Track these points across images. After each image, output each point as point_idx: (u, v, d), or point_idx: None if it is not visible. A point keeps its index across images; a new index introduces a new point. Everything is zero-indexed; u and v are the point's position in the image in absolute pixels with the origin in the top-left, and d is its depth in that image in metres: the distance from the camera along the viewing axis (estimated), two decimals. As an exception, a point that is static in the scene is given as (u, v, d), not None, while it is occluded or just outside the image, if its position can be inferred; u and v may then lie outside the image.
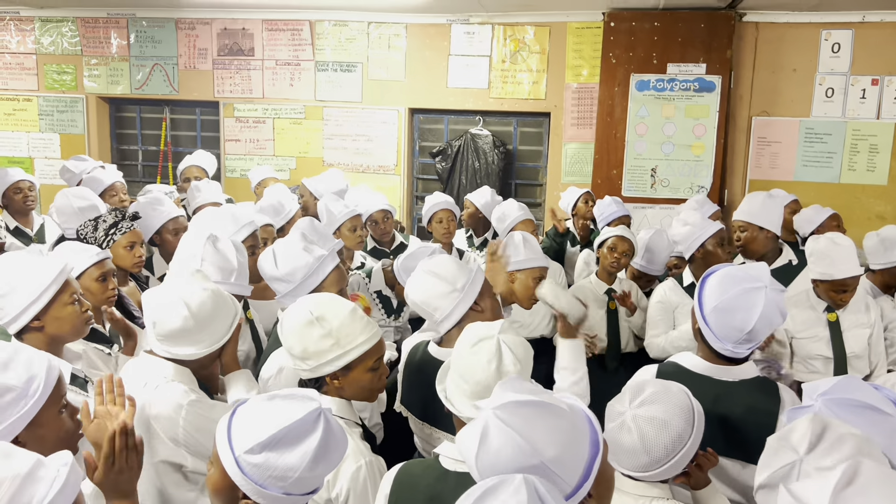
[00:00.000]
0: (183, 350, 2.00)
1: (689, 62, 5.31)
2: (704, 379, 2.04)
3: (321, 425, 1.37)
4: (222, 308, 2.05)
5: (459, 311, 2.24)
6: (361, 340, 1.87)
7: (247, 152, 6.39)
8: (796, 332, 3.08)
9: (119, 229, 3.18)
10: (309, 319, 1.84)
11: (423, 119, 6.32)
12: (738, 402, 1.99)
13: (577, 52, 5.75)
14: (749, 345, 2.00)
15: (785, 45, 5.42)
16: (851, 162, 5.44)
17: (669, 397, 1.68)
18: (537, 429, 1.24)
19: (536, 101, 5.90)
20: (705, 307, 2.02)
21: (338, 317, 1.86)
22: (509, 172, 6.20)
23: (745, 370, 2.06)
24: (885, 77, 5.30)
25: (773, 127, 5.52)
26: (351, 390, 1.90)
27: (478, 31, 5.89)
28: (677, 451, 1.65)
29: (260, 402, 1.40)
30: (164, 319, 1.97)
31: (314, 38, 6.15)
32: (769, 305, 1.95)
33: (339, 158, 6.25)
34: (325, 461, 1.38)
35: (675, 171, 5.44)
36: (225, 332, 2.05)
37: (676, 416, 1.66)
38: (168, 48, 6.41)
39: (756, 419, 1.96)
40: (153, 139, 6.75)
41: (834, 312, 3.03)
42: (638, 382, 1.74)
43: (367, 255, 4.19)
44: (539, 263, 2.89)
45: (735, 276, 2.02)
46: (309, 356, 1.84)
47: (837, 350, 3.01)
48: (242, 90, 6.33)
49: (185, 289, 2.00)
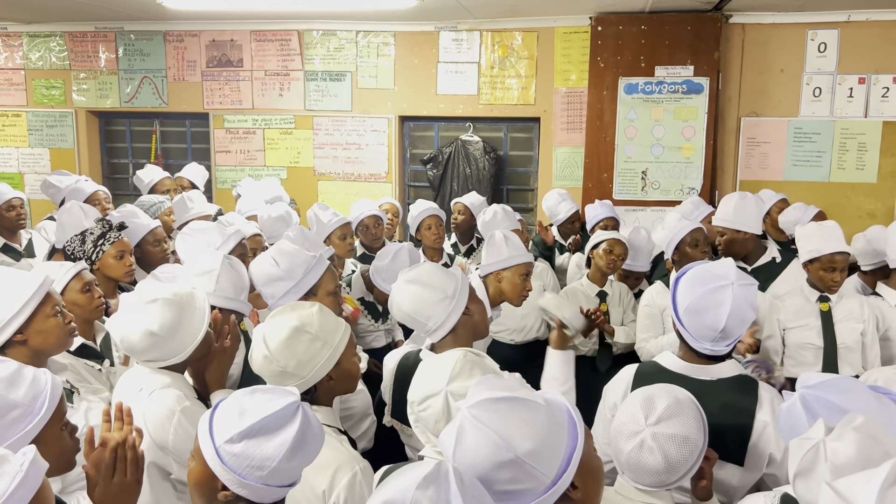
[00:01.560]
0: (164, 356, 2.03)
1: (677, 64, 5.33)
2: (682, 378, 2.04)
3: (299, 417, 1.39)
4: (185, 311, 2.05)
5: (454, 317, 2.22)
6: (341, 332, 1.91)
7: (237, 163, 6.38)
8: (788, 321, 3.10)
9: (107, 240, 3.17)
10: (292, 330, 1.83)
11: (414, 126, 6.33)
12: (715, 401, 1.98)
13: (566, 56, 5.76)
14: (727, 342, 2.01)
15: (772, 45, 5.44)
16: (841, 161, 5.46)
17: (683, 409, 1.67)
18: (511, 424, 1.25)
19: (526, 107, 5.92)
20: (679, 308, 2.04)
21: (314, 318, 1.87)
22: (500, 178, 6.20)
23: (723, 369, 2.06)
24: (872, 75, 5.33)
25: (762, 127, 5.54)
26: (343, 384, 1.93)
27: (466, 37, 5.91)
28: (697, 462, 1.66)
29: (241, 395, 1.42)
30: (131, 341, 2.00)
31: (303, 48, 6.15)
32: (737, 302, 1.95)
33: (330, 168, 6.25)
34: (302, 453, 1.40)
35: (665, 173, 5.45)
36: (197, 328, 2.06)
37: (693, 428, 1.66)
38: (156, 61, 6.40)
39: (733, 418, 1.96)
40: (143, 152, 6.74)
41: (826, 303, 3.05)
42: (646, 397, 1.69)
43: (357, 261, 4.19)
44: (524, 259, 2.90)
45: (702, 275, 2.03)
46: (304, 366, 1.83)
47: (828, 340, 3.02)
48: (232, 101, 6.33)
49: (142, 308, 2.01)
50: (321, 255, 2.73)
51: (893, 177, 5.39)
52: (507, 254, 2.90)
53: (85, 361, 2.58)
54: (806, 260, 3.08)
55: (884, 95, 5.32)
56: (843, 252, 3.01)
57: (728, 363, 2.08)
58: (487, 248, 2.98)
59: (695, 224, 3.52)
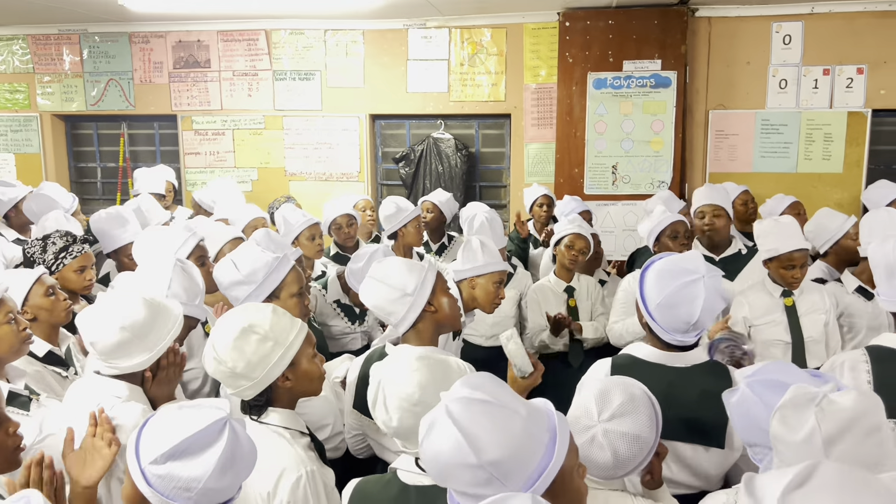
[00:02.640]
0: (130, 362, 1.98)
1: (645, 59, 5.36)
2: (658, 367, 2.07)
3: (226, 434, 1.36)
4: (159, 314, 2.03)
5: (412, 315, 2.24)
6: (296, 332, 1.87)
7: (207, 165, 6.32)
8: (755, 318, 3.12)
9: (70, 253, 3.12)
10: (240, 331, 1.80)
11: (385, 125, 6.30)
12: (694, 387, 2.01)
13: (535, 52, 5.77)
14: (696, 332, 2.03)
15: (738, 38, 5.49)
16: (807, 151, 5.52)
17: (637, 406, 1.67)
18: (483, 428, 1.22)
19: (496, 103, 5.91)
20: (649, 304, 2.05)
21: (265, 318, 1.84)
22: (473, 175, 6.19)
23: (696, 355, 2.09)
24: (836, 66, 5.39)
25: (729, 120, 5.59)
26: (302, 385, 1.89)
27: (435, 35, 5.89)
28: (646, 458, 1.67)
29: (167, 412, 1.40)
30: (101, 337, 1.95)
31: (271, 48, 6.10)
32: (710, 294, 1.97)
33: (301, 167, 6.20)
34: (233, 471, 1.38)
35: (635, 167, 5.47)
36: (168, 334, 2.04)
37: (645, 426, 1.66)
38: (122, 63, 6.31)
39: (710, 403, 1.97)
40: (111, 156, 6.65)
41: (790, 297, 3.07)
42: (602, 391, 1.70)
43: (330, 260, 4.16)
44: (498, 268, 2.90)
45: (671, 270, 2.03)
46: (254, 367, 1.80)
47: (795, 334, 3.05)
48: (200, 102, 6.26)
49: (117, 303, 1.98)
50: (284, 257, 2.70)
51: (859, 166, 5.46)
52: (483, 261, 2.90)
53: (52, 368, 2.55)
54: (765, 258, 3.09)
55: (848, 86, 5.39)
56: (801, 249, 3.02)
57: (698, 349, 2.11)
58: (463, 254, 2.97)
59: (676, 216, 3.54)
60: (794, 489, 0.82)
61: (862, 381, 2.11)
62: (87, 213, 5.42)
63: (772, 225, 3.10)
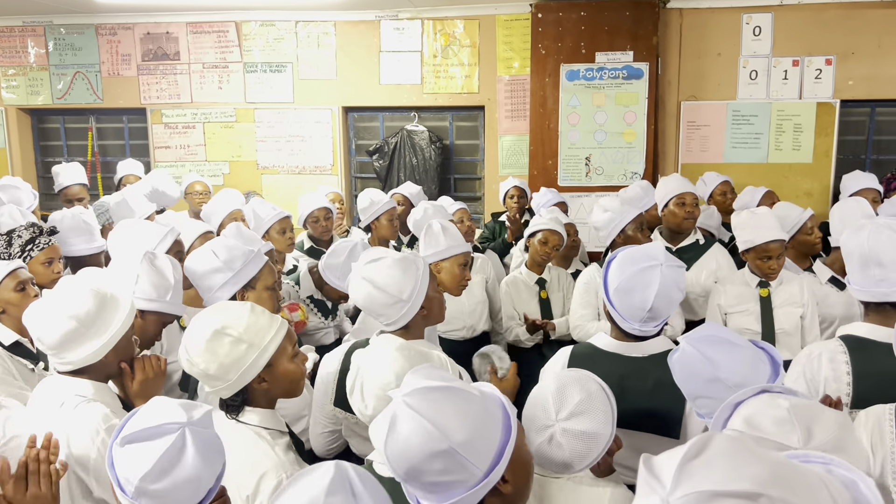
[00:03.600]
0: (79, 354, 1.92)
1: (617, 50, 5.37)
2: (614, 357, 2.09)
3: (171, 440, 1.36)
4: (106, 302, 1.97)
5: (406, 319, 2.20)
6: (273, 332, 1.81)
7: (178, 159, 6.23)
8: (728, 306, 3.16)
9: (36, 245, 3.06)
10: (213, 333, 1.75)
11: (358, 117, 6.25)
12: (648, 378, 2.03)
13: (508, 44, 5.76)
14: (654, 322, 2.05)
15: (708, 30, 5.52)
16: (778, 142, 5.57)
17: (593, 403, 1.68)
18: (446, 413, 1.23)
19: (470, 95, 5.90)
20: (609, 288, 2.07)
21: (240, 319, 1.79)
22: (447, 167, 6.18)
23: (653, 345, 2.10)
24: (805, 58, 5.44)
25: (701, 111, 5.62)
26: (280, 386, 1.84)
27: (407, 26, 5.85)
28: (602, 452, 1.68)
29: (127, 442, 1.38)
30: (46, 331, 1.91)
31: (241, 40, 6.02)
32: (665, 282, 1.99)
33: (274, 161, 6.14)
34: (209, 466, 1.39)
35: (608, 158, 5.49)
36: (118, 324, 1.97)
37: (602, 423, 1.67)
38: (89, 55, 6.20)
39: (665, 393, 1.99)
40: (80, 150, 6.53)
41: (766, 288, 3.09)
42: (559, 388, 1.70)
43: (304, 254, 4.12)
44: (462, 249, 2.90)
45: (633, 256, 2.07)
46: (228, 369, 1.75)
47: (766, 325, 3.07)
48: (170, 95, 6.16)
49: (61, 295, 1.93)
50: (260, 250, 2.69)
51: (828, 156, 5.53)
52: (445, 244, 2.89)
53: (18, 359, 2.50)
54: (742, 249, 3.11)
55: (817, 77, 5.45)
56: (776, 240, 3.04)
57: (658, 339, 2.12)
58: (425, 239, 2.96)
59: (638, 210, 3.55)
60: (689, 460, 0.85)
61: (841, 371, 2.11)
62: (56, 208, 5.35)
63: (748, 216, 3.12)
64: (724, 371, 1.64)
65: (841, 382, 2.06)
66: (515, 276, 3.77)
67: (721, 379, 1.63)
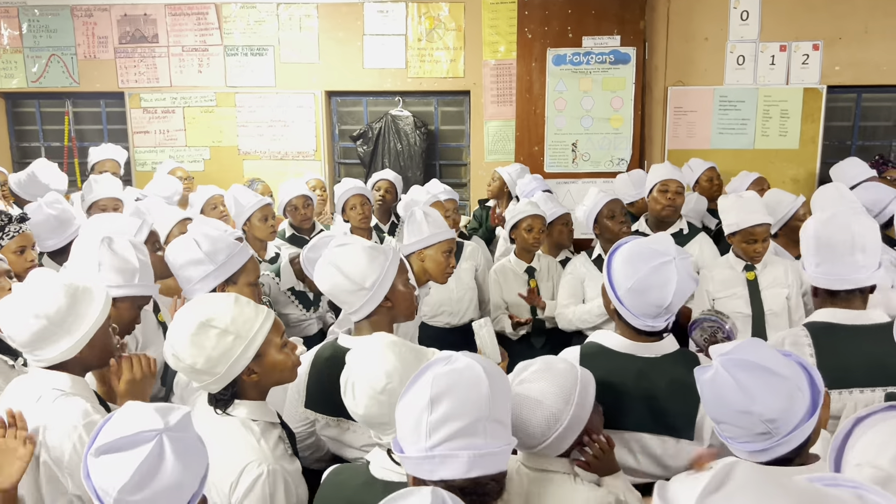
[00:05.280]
0: (53, 351, 1.86)
1: (604, 35, 5.30)
2: (627, 357, 2.00)
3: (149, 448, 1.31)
4: (78, 297, 1.90)
5: (368, 308, 2.16)
6: (260, 322, 1.77)
7: (157, 144, 6.10)
8: (716, 292, 3.17)
9: (6, 233, 2.96)
10: (198, 325, 1.70)
11: (341, 102, 6.15)
12: (662, 378, 1.95)
13: (493, 27, 5.67)
14: (666, 316, 1.98)
15: (696, 14, 5.47)
16: (764, 127, 5.55)
17: (549, 375, 1.67)
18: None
19: (455, 80, 5.81)
20: (618, 288, 1.96)
21: (226, 310, 1.74)
22: (433, 153, 6.10)
23: (665, 345, 2.02)
24: (792, 43, 5.41)
25: (688, 96, 5.58)
26: (270, 377, 1.81)
27: (391, 9, 5.75)
28: (553, 430, 1.64)
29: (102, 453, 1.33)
30: (16, 330, 1.85)
31: (221, 22, 5.89)
32: (682, 277, 1.91)
33: (255, 146, 6.03)
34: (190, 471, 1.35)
35: (595, 144, 5.44)
36: (92, 318, 1.90)
37: (551, 395, 1.65)
38: (65, 37, 6.04)
39: (679, 394, 1.92)
40: (56, 135, 6.38)
41: (752, 271, 3.11)
42: (526, 362, 1.72)
43: (286, 242, 4.05)
44: (445, 236, 2.87)
45: (642, 252, 1.95)
46: (216, 363, 1.70)
47: (756, 307, 3.09)
48: (148, 79, 6.03)
49: (32, 291, 1.86)
50: (245, 245, 2.62)
51: (814, 142, 5.51)
52: (428, 231, 2.85)
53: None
54: (728, 233, 3.14)
55: (804, 63, 5.42)
56: (762, 223, 3.06)
57: (668, 339, 2.05)
58: (408, 227, 2.91)
59: (610, 196, 3.53)
60: (711, 493, 0.81)
61: (805, 355, 2.11)
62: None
63: (734, 200, 3.15)
64: (758, 405, 1.49)
65: None
66: (504, 265, 3.73)
67: (754, 413, 1.49)
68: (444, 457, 1.31)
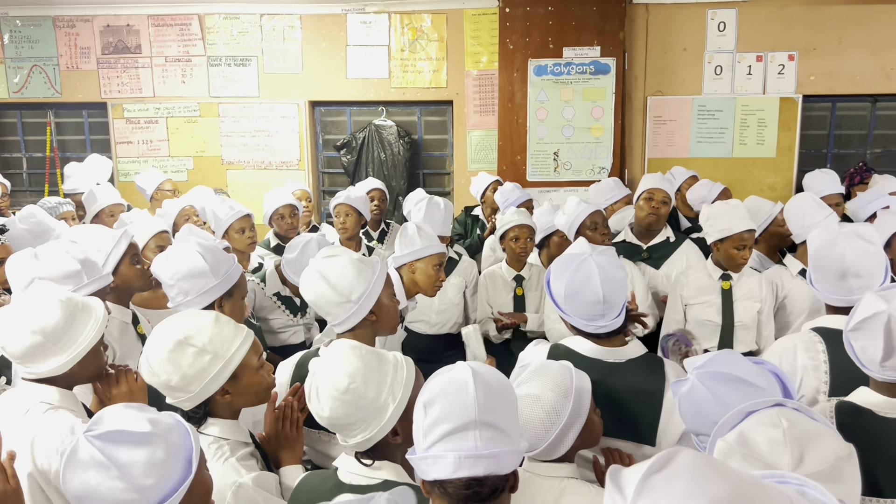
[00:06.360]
0: (45, 367, 1.87)
1: (584, 45, 5.38)
2: (591, 361, 2.05)
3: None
4: (76, 314, 1.91)
5: (352, 321, 2.16)
6: (238, 343, 1.76)
7: (140, 154, 6.10)
8: (690, 298, 3.18)
9: None
10: (176, 343, 1.70)
11: (325, 111, 6.18)
12: (625, 383, 2.00)
13: (475, 38, 5.74)
14: (613, 313, 2.02)
15: (674, 25, 5.56)
16: (742, 136, 5.64)
17: (545, 374, 1.71)
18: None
19: (438, 90, 5.87)
20: (558, 300, 2.07)
21: (204, 329, 1.74)
22: (416, 162, 6.14)
23: (630, 350, 2.08)
24: (768, 53, 5.51)
25: (667, 106, 5.67)
26: (244, 398, 1.80)
27: (374, 20, 5.80)
28: (556, 426, 1.67)
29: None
30: (10, 343, 1.85)
31: (204, 33, 5.91)
32: (603, 268, 2.00)
33: (239, 156, 6.05)
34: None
35: (576, 153, 5.51)
36: (88, 336, 1.91)
37: (549, 389, 1.69)
38: (47, 48, 6.03)
39: (641, 399, 1.98)
40: (38, 145, 6.36)
41: (728, 281, 3.13)
42: (522, 366, 1.77)
43: (271, 252, 4.06)
44: (436, 250, 2.88)
45: (562, 261, 2.09)
46: (190, 381, 1.71)
47: (727, 318, 3.11)
48: (131, 89, 6.03)
49: (27, 305, 1.87)
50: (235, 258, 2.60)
51: (791, 151, 5.61)
52: (420, 244, 2.87)
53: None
54: (717, 239, 3.12)
55: (780, 72, 5.52)
56: (751, 229, 3.11)
57: (634, 344, 2.10)
58: (400, 240, 2.93)
59: (593, 207, 3.57)
60: (652, 474, 0.85)
61: (819, 360, 2.15)
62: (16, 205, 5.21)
63: (724, 207, 3.17)
64: None
65: (819, 371, 2.12)
66: (494, 271, 3.76)
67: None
68: (435, 457, 1.35)
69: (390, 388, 1.63)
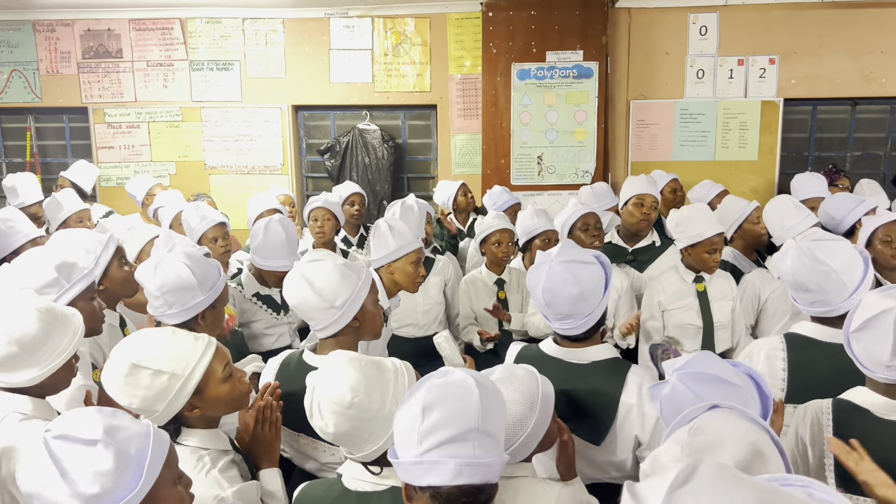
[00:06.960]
0: (17, 378, 1.83)
1: (567, 49, 5.39)
2: (556, 361, 2.09)
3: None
4: (55, 325, 1.88)
5: (335, 327, 2.13)
6: (197, 356, 1.72)
7: (122, 159, 6.05)
8: (668, 303, 3.18)
9: None
10: (130, 367, 1.66)
11: (309, 116, 6.16)
12: (584, 384, 2.04)
13: (459, 42, 5.74)
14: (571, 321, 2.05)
15: (656, 29, 5.59)
16: (724, 140, 5.68)
17: (512, 383, 1.71)
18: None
19: (422, 94, 5.86)
20: (538, 302, 2.12)
21: (158, 349, 1.69)
22: (400, 166, 6.13)
23: (596, 352, 2.10)
24: (750, 57, 5.55)
25: (650, 109, 5.69)
26: (215, 409, 1.77)
27: (357, 24, 5.79)
28: (518, 436, 1.67)
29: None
30: None
31: (186, 37, 5.87)
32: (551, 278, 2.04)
33: (222, 160, 6.01)
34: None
35: (560, 157, 5.52)
36: (64, 350, 1.88)
37: (515, 402, 1.68)
38: (26, 52, 5.97)
39: (597, 401, 2.01)
40: (18, 151, 6.30)
41: (702, 283, 3.14)
42: (490, 369, 1.76)
43: (252, 257, 4.03)
44: (413, 247, 2.86)
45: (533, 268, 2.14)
46: (153, 402, 1.67)
47: (706, 319, 3.12)
48: (112, 94, 5.98)
49: (5, 313, 1.83)
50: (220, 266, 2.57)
51: (772, 154, 5.65)
52: (395, 245, 2.85)
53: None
54: (689, 244, 3.12)
55: (761, 76, 5.56)
56: (721, 233, 3.13)
57: (603, 347, 2.12)
58: (375, 241, 2.92)
59: (587, 208, 3.57)
60: (677, 488, 0.86)
61: (777, 367, 2.19)
62: None
63: (692, 211, 3.18)
64: None
65: (776, 378, 2.18)
66: (475, 276, 3.76)
67: None
68: (432, 463, 1.33)
69: (394, 397, 1.63)
